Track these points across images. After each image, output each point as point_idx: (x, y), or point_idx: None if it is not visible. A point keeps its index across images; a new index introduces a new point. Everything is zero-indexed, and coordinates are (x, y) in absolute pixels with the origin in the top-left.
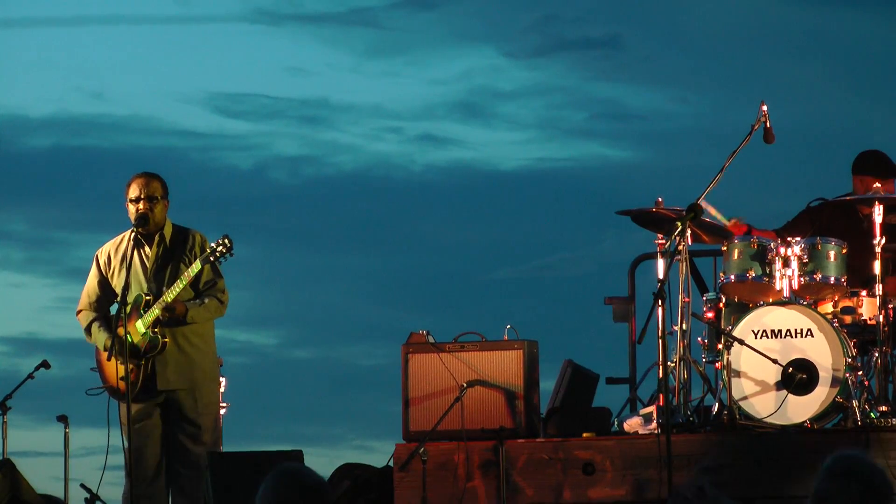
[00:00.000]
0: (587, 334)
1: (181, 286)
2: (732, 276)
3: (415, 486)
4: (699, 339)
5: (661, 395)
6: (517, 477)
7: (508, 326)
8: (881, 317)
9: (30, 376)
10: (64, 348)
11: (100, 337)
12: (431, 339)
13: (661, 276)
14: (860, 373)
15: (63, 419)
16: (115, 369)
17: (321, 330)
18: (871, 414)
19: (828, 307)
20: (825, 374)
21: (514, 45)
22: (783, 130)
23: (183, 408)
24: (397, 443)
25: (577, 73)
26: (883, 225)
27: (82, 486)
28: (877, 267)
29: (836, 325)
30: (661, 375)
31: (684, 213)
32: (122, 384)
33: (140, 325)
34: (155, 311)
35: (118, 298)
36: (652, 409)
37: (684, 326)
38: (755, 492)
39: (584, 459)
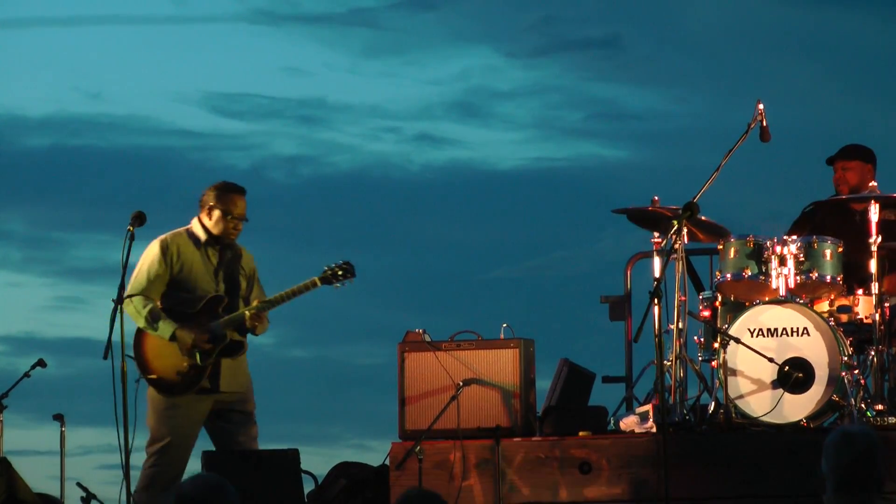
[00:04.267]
0: (583, 333)
1: (284, 297)
2: (729, 275)
3: (411, 485)
4: (695, 337)
5: (657, 394)
6: (513, 476)
7: (505, 325)
8: (877, 315)
9: (26, 375)
10: (61, 347)
11: (167, 326)
12: (428, 338)
13: (657, 274)
14: (856, 371)
15: (59, 418)
16: (177, 361)
17: (318, 329)
18: (868, 412)
19: (824, 306)
20: (821, 373)
21: (515, 46)
22: (780, 130)
23: (239, 408)
24: (393, 441)
25: (574, 73)
26: (879, 222)
27: (78, 484)
28: (873, 265)
29: (832, 323)
30: (657, 374)
31: (680, 211)
32: (175, 378)
33: (217, 326)
34: (245, 314)
35: (116, 298)
36: (648, 407)
37: (680, 325)
38: (751, 490)
39: (581, 458)
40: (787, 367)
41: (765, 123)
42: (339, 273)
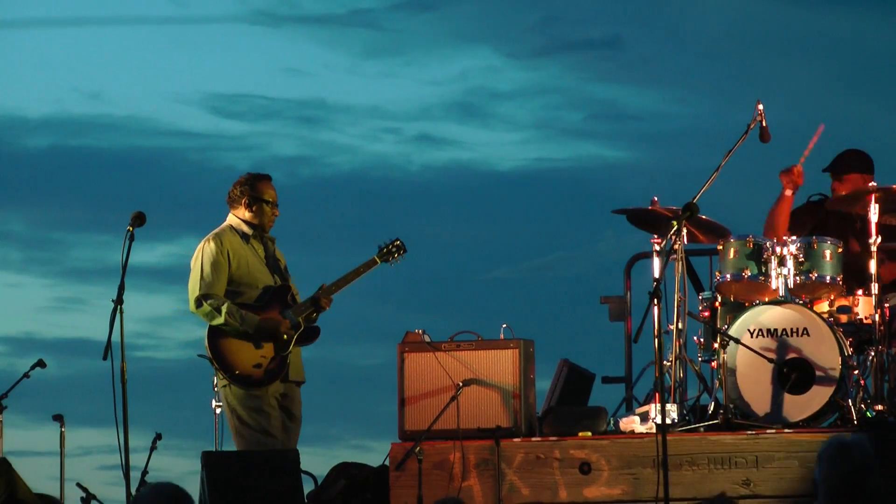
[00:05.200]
0: (583, 333)
1: (348, 278)
2: (728, 275)
3: (411, 486)
4: (695, 338)
5: (657, 395)
6: (513, 476)
7: (504, 325)
8: (877, 315)
9: (25, 375)
10: (61, 348)
11: (250, 318)
12: (427, 339)
13: (657, 275)
14: (856, 372)
15: (59, 418)
16: (252, 355)
17: None
18: (868, 413)
19: (824, 306)
20: (821, 374)
21: (515, 46)
22: (780, 130)
23: (298, 397)
24: (393, 442)
25: (574, 73)
26: (880, 226)
27: (78, 485)
28: (873, 266)
29: (832, 324)
30: (657, 374)
31: (680, 212)
32: (256, 371)
33: (291, 315)
34: (318, 298)
35: (116, 298)
36: (648, 408)
37: (680, 325)
38: (751, 491)
39: (581, 459)
40: (786, 368)
41: (765, 123)
42: (393, 249)
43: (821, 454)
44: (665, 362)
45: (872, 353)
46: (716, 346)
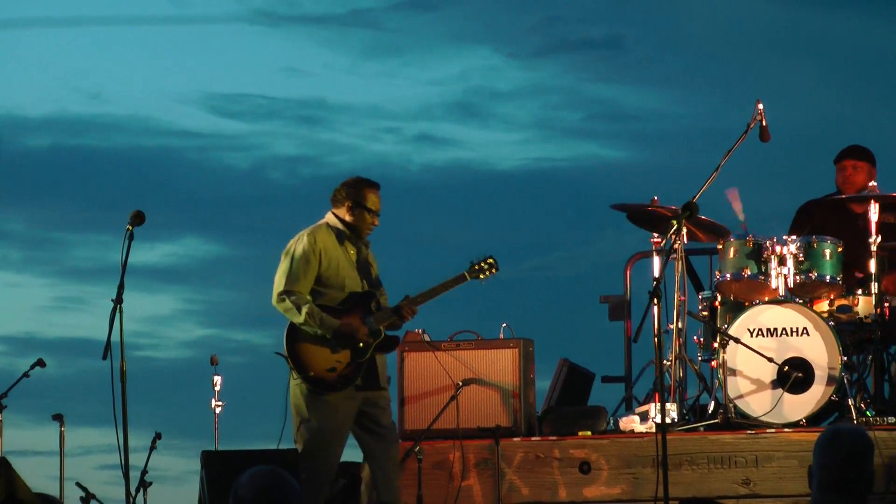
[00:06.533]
0: (583, 333)
1: (434, 291)
2: (728, 275)
3: (410, 485)
4: (695, 337)
5: (656, 394)
6: (513, 475)
7: (504, 325)
8: (877, 315)
9: (25, 375)
10: (61, 347)
11: (329, 322)
12: (427, 338)
13: (656, 274)
14: (856, 371)
15: (59, 418)
16: (327, 359)
17: None
18: (867, 412)
19: (823, 305)
20: (821, 373)
21: (515, 46)
22: (780, 130)
23: (382, 404)
24: None
25: (574, 73)
26: (879, 224)
27: (78, 484)
28: (873, 265)
29: (831, 323)
30: (656, 374)
31: (680, 211)
32: (329, 375)
33: (372, 322)
34: (401, 307)
35: (115, 297)
36: (648, 407)
37: (680, 325)
38: (751, 490)
39: (580, 458)
40: (786, 367)
41: (764, 123)
42: (485, 266)
43: (816, 443)
44: (665, 362)
45: (872, 353)
46: (716, 345)
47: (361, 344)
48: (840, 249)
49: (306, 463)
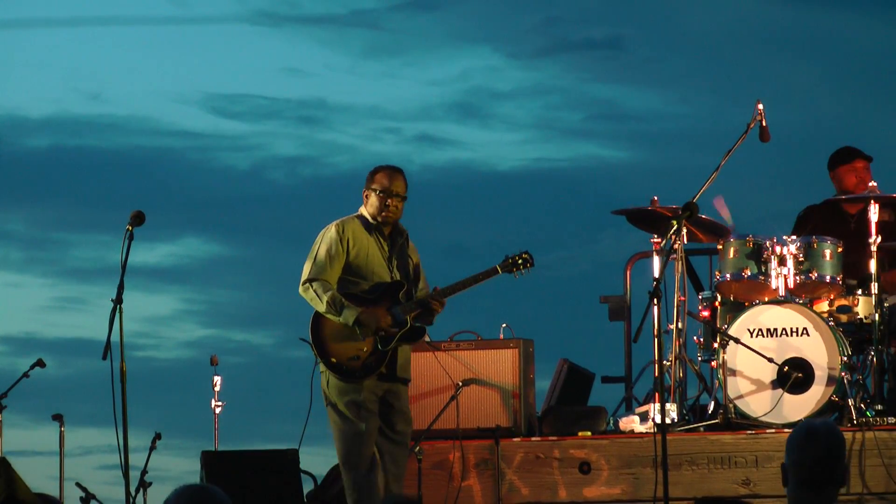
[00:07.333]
0: (583, 333)
1: (464, 283)
2: (728, 275)
3: (410, 486)
4: (695, 337)
5: (656, 394)
6: (513, 476)
7: (504, 325)
8: (877, 315)
9: (25, 375)
10: (61, 348)
11: (350, 312)
12: (427, 338)
13: (656, 274)
14: (856, 371)
15: (58, 418)
16: (350, 347)
17: None
18: (867, 412)
19: (823, 306)
20: (821, 373)
21: (516, 47)
22: (779, 130)
23: (405, 395)
24: None
25: (574, 73)
26: (878, 223)
27: (78, 484)
28: (872, 265)
29: (831, 323)
30: (656, 374)
31: (680, 211)
32: (352, 363)
33: (399, 311)
34: (428, 299)
35: (115, 298)
36: (647, 407)
37: (680, 325)
38: (751, 490)
39: (580, 458)
40: (786, 368)
41: (764, 123)
42: (520, 262)
43: (789, 440)
44: (665, 362)
45: (872, 353)
46: (715, 345)
47: (384, 333)
48: (840, 249)
49: (344, 449)
